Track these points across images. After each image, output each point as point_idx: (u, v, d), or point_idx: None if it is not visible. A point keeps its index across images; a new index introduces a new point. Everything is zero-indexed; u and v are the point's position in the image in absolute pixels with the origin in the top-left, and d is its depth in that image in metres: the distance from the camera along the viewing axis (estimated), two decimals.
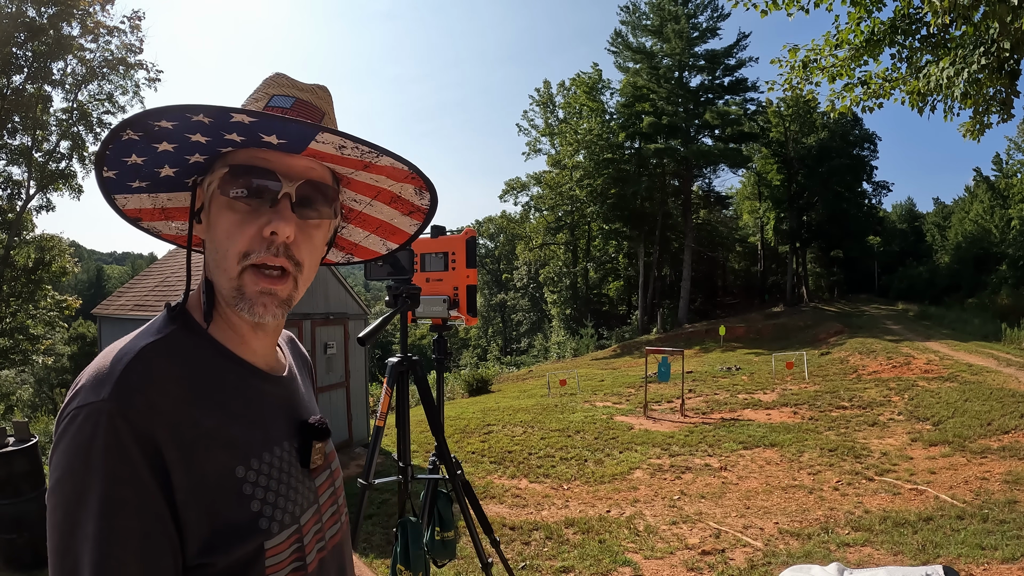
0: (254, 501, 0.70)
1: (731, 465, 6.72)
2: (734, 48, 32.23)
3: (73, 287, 40.28)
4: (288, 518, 0.73)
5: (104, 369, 0.64)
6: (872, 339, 17.47)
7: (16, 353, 17.51)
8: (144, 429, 0.62)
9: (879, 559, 4.05)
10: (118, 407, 0.61)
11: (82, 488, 0.59)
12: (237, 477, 0.69)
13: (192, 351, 0.71)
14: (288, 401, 0.82)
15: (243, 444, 0.71)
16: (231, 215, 0.71)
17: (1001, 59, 4.47)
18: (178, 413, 0.65)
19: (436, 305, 2.37)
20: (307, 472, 0.80)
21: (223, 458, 0.68)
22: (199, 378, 0.70)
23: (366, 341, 1.78)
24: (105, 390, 0.62)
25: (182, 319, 0.73)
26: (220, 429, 0.69)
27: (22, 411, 24.66)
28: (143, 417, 0.62)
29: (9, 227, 17.07)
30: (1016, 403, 8.00)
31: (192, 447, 0.65)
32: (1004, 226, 33.55)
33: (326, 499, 0.84)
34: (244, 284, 0.71)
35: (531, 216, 41.80)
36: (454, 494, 2.34)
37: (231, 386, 0.73)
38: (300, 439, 0.80)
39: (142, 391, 0.63)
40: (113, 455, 0.60)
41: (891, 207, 52.77)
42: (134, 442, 0.61)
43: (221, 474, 0.68)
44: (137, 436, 0.61)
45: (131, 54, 18.38)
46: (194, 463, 0.65)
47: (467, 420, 9.99)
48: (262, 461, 0.72)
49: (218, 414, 0.69)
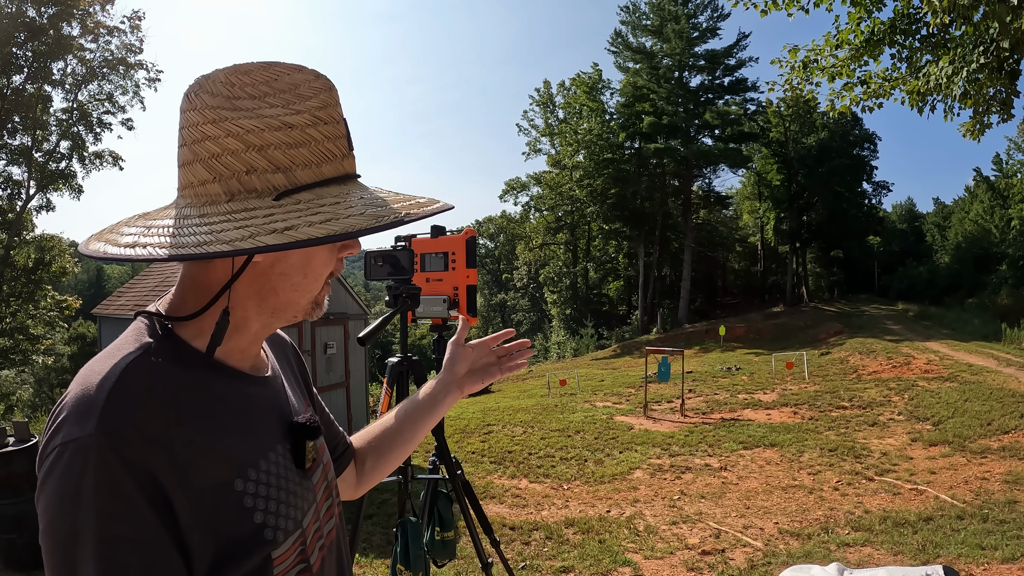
0: (256, 512, 0.68)
1: (731, 465, 6.72)
2: (734, 48, 32.27)
3: (73, 287, 40.28)
4: (291, 524, 0.72)
5: (86, 398, 0.60)
6: (872, 339, 17.47)
7: (16, 353, 17.50)
8: (137, 460, 0.58)
9: (879, 559, 4.05)
10: (107, 441, 0.57)
11: (76, 530, 0.56)
12: (236, 491, 0.67)
13: (173, 361, 0.66)
14: (275, 401, 0.79)
15: (238, 455, 0.68)
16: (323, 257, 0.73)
17: (1001, 59, 4.47)
18: (169, 435, 0.61)
19: (436, 305, 2.37)
20: (303, 473, 0.78)
21: (220, 473, 0.66)
22: (184, 391, 0.66)
23: (366, 341, 1.78)
24: (91, 424, 0.58)
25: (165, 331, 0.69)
26: (213, 443, 0.66)
27: (22, 411, 24.67)
28: (134, 448, 0.58)
29: (9, 227, 17.06)
30: (1016, 403, 8.00)
31: (188, 467, 0.62)
32: (1004, 226, 33.54)
33: (322, 495, 0.83)
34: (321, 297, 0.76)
35: (531, 216, 41.80)
36: (454, 494, 2.34)
37: (218, 395, 0.70)
38: (292, 440, 0.78)
39: (130, 420, 0.59)
40: (105, 493, 0.56)
41: (891, 207, 52.78)
42: (127, 475, 0.57)
43: (220, 490, 0.65)
44: (130, 469, 0.58)
45: (131, 54, 18.38)
46: (192, 483, 0.62)
47: (467, 420, 9.99)
48: (259, 470, 0.70)
49: (209, 427, 0.66)
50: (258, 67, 0.69)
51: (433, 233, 2.47)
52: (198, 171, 0.66)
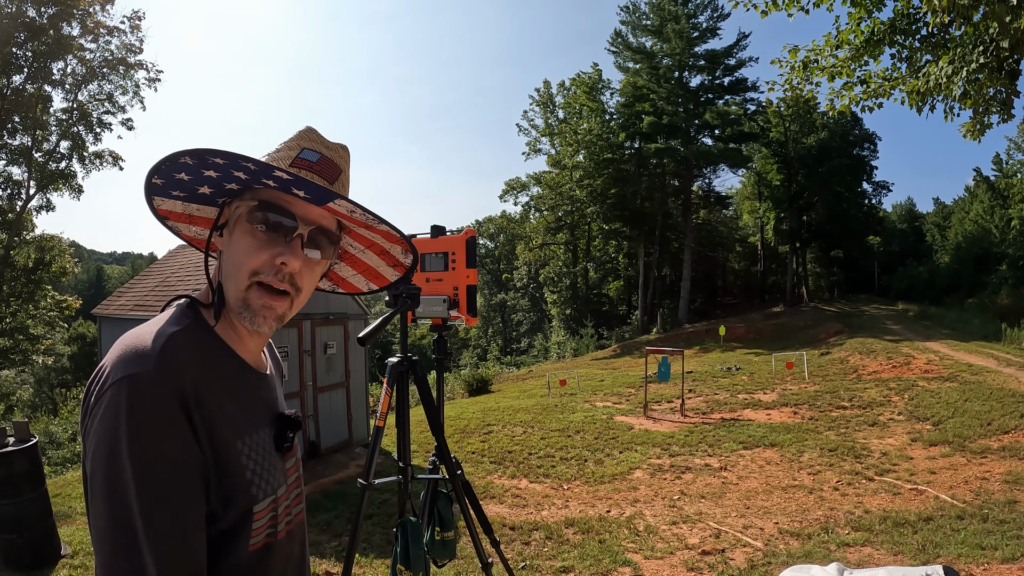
0: (247, 471, 0.85)
1: (731, 465, 6.72)
2: (734, 48, 32.23)
3: (73, 287, 40.28)
4: (269, 488, 0.88)
5: (142, 347, 0.77)
6: (872, 339, 17.47)
7: (16, 353, 17.49)
8: (182, 393, 0.76)
9: (879, 559, 4.05)
10: (162, 376, 0.75)
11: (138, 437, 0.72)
12: (236, 448, 0.84)
13: (204, 343, 0.85)
14: (268, 395, 0.96)
15: (239, 423, 0.86)
16: (251, 239, 0.87)
17: (1001, 59, 4.47)
18: (200, 388, 0.79)
19: (436, 305, 2.37)
20: (279, 456, 0.94)
21: (227, 431, 0.83)
22: (209, 365, 0.84)
23: (366, 341, 1.78)
24: (150, 362, 0.75)
25: (194, 315, 0.87)
26: (224, 408, 0.83)
27: (22, 411, 24.66)
28: (181, 385, 0.76)
29: (9, 227, 17.06)
30: (1016, 403, 8.00)
31: (210, 417, 0.80)
32: (1004, 226, 33.52)
33: (292, 481, 0.99)
34: (250, 297, 0.86)
35: (531, 216, 41.78)
36: (454, 494, 2.34)
37: (231, 375, 0.88)
38: (277, 427, 0.95)
39: (179, 365, 0.77)
40: (163, 412, 0.74)
41: (891, 207, 52.80)
42: (177, 403, 0.75)
43: (227, 443, 0.82)
44: (178, 398, 0.76)
45: (131, 54, 18.38)
46: (212, 429, 0.80)
47: (467, 420, 9.99)
48: (252, 439, 0.87)
49: (222, 396, 0.83)
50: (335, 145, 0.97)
51: (433, 233, 2.47)
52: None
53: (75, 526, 5.44)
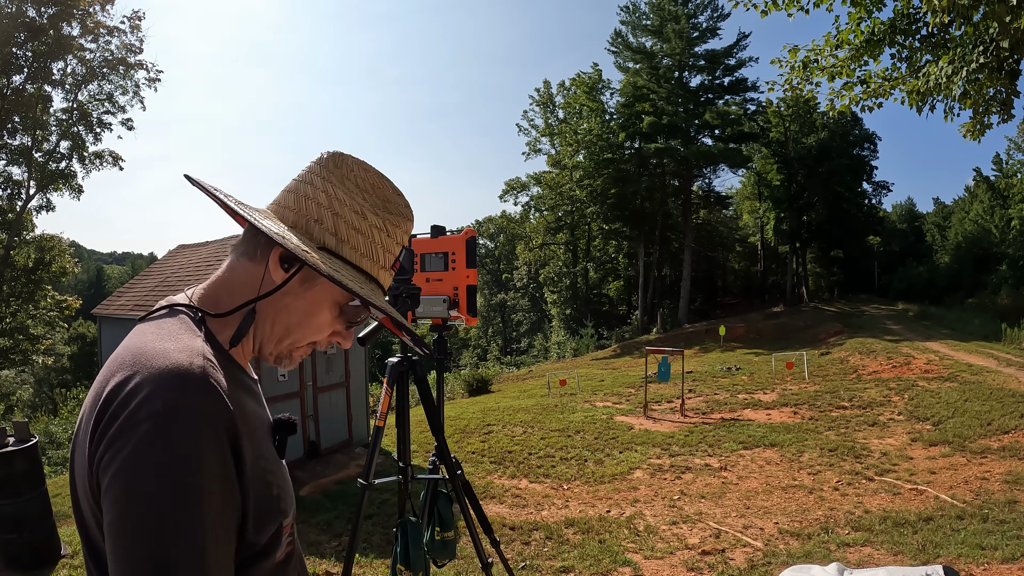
0: (274, 487, 0.79)
1: (731, 465, 6.72)
2: (734, 48, 32.23)
3: (73, 287, 40.27)
4: (290, 500, 0.84)
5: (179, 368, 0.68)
6: (872, 339, 17.46)
7: (16, 353, 17.51)
8: (231, 425, 0.70)
9: (879, 559, 4.05)
10: (216, 410, 0.68)
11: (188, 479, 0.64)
12: (262, 465, 0.77)
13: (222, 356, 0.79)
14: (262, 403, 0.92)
15: (259, 436, 0.79)
16: (327, 315, 0.86)
17: (1001, 59, 4.47)
18: (239, 407, 0.73)
19: (436, 305, 2.37)
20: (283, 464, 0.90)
21: (262, 461, 0.77)
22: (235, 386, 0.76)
23: (366, 341, 1.78)
24: (192, 389, 0.67)
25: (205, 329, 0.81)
26: (256, 433, 0.78)
27: (22, 411, 24.67)
28: (229, 415, 0.70)
29: (9, 227, 17.06)
30: (1016, 403, 8.00)
31: (250, 435, 0.74)
32: (1004, 226, 33.51)
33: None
34: (293, 354, 0.87)
35: (531, 216, 41.76)
36: (454, 494, 2.34)
37: (245, 386, 0.82)
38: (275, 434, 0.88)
39: (224, 390, 0.70)
40: (216, 458, 0.67)
41: (891, 207, 52.76)
42: (226, 437, 0.69)
43: (257, 460, 0.75)
44: (227, 431, 0.69)
45: (131, 54, 18.39)
46: (251, 449, 0.74)
47: (467, 420, 9.99)
48: (268, 454, 0.81)
49: (253, 422, 0.78)
50: (375, 173, 0.90)
51: (433, 233, 2.46)
52: (290, 199, 0.85)
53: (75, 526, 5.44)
